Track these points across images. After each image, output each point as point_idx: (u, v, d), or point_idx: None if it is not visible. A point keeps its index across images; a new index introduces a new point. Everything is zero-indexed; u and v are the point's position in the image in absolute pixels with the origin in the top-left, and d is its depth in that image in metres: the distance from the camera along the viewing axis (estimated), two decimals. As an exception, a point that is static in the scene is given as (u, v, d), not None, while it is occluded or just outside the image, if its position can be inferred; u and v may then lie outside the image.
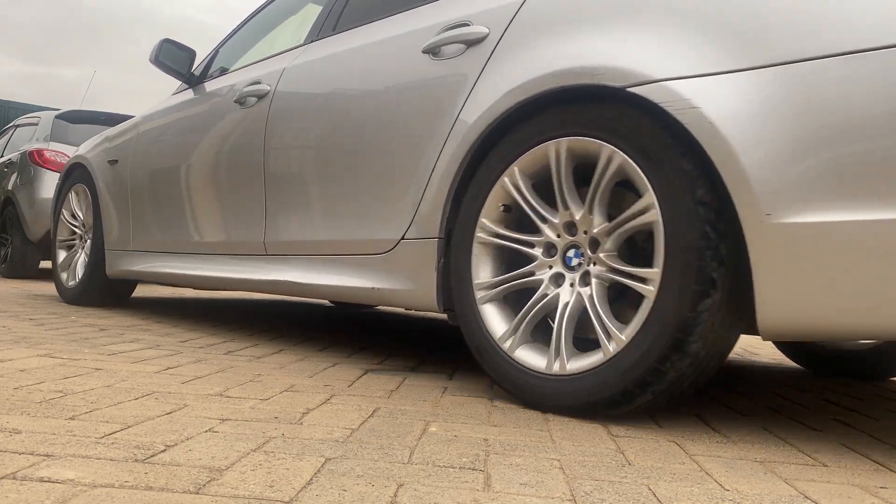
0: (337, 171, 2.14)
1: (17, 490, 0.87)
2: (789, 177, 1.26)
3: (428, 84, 1.91)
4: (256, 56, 2.84)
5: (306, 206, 2.26)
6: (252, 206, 2.49)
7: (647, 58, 1.43)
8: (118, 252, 3.32)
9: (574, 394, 1.48)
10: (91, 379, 1.63)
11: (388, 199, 1.97)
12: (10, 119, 14.01)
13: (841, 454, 1.35)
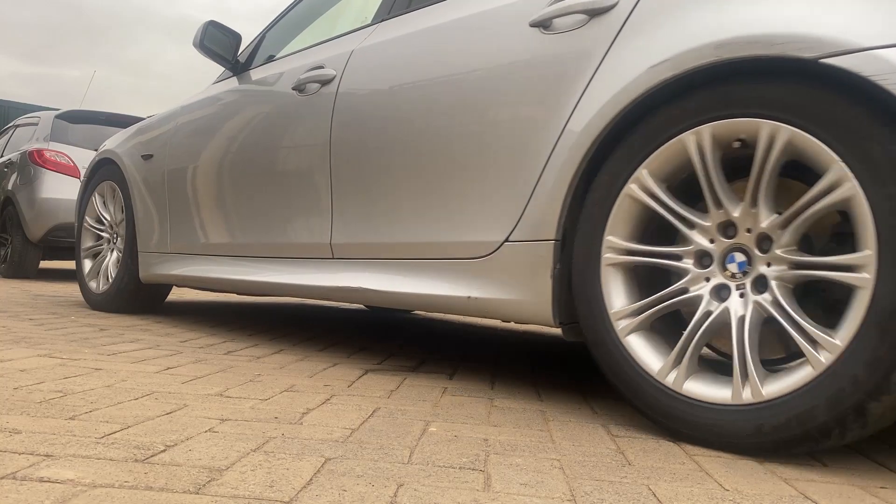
0: (422, 164, 1.88)
1: (17, 490, 0.87)
2: None
3: (538, 63, 1.63)
4: (310, 40, 2.56)
5: (382, 203, 2.00)
6: (315, 204, 2.22)
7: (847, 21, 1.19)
8: (153, 255, 3.03)
9: (778, 424, 1.21)
10: (91, 379, 1.63)
11: (488, 194, 1.72)
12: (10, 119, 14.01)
13: (841, 454, 1.35)
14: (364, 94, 2.12)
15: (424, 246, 1.88)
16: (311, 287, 2.21)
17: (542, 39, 1.64)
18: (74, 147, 5.83)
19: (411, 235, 1.91)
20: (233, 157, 2.60)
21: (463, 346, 2.74)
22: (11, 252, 5.76)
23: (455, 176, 1.80)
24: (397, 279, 1.95)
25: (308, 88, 2.32)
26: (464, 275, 1.77)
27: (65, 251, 6.15)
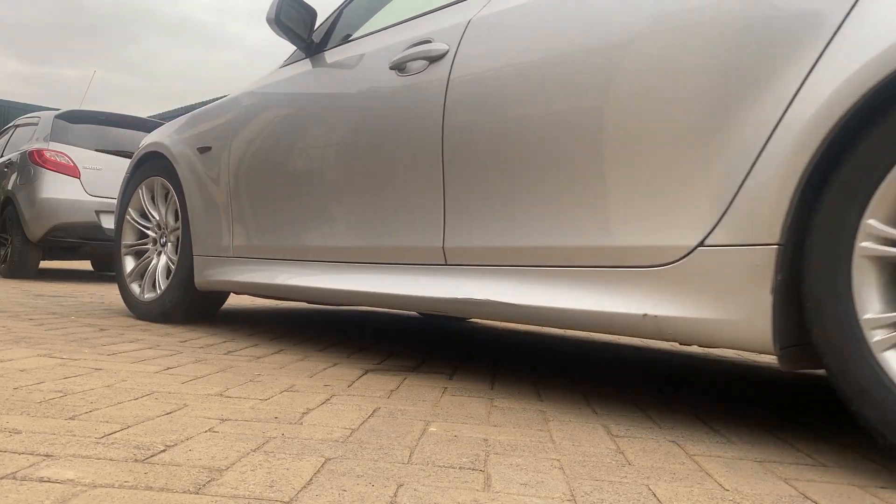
0: (572, 149, 1.55)
1: (17, 490, 0.87)
2: None
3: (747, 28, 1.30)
4: (403, 14, 2.23)
5: (512, 199, 1.68)
6: (421, 201, 1.90)
7: None
8: (212, 259, 2.71)
9: None
10: (91, 379, 1.63)
11: (672, 185, 1.38)
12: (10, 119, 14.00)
13: (841, 454, 1.35)
14: (487, 71, 1.77)
15: (578, 251, 1.54)
16: (416, 298, 1.90)
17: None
18: (74, 147, 5.83)
19: (558, 238, 1.58)
20: (312, 147, 2.28)
21: (463, 346, 2.74)
22: (11, 252, 5.76)
23: (618, 163, 1.46)
24: (538, 291, 1.62)
25: (411, 67, 1.98)
26: (636, 287, 1.43)
27: (65, 251, 6.15)
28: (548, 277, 1.60)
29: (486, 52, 1.79)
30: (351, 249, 2.13)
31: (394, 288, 1.96)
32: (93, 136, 6.03)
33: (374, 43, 2.21)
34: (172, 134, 3.02)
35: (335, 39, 2.47)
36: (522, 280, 1.65)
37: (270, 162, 2.45)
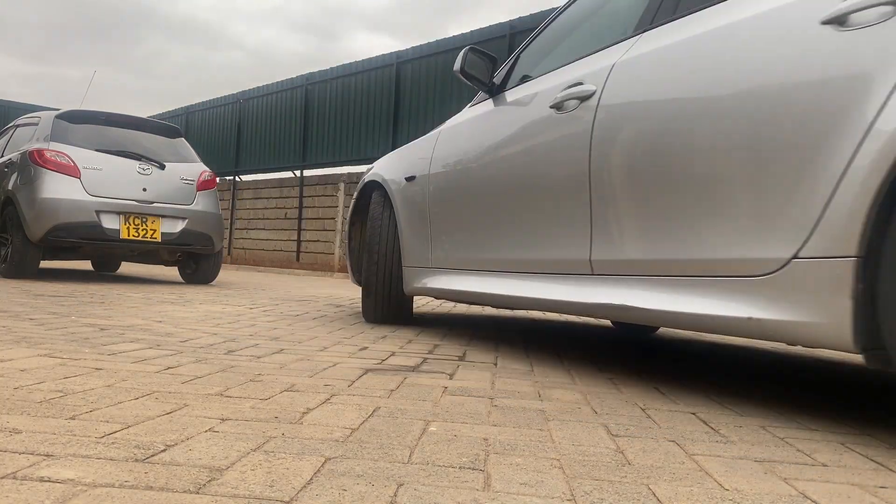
0: (692, 179, 1.81)
1: (17, 490, 0.87)
2: None
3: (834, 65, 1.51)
4: (564, 58, 2.57)
5: (645, 218, 1.95)
6: (575, 221, 2.22)
7: None
8: (415, 269, 3.23)
9: None
10: (91, 379, 1.63)
11: (772, 207, 1.60)
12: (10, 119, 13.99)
13: (841, 454, 1.35)
14: (627, 108, 2.04)
15: (697, 263, 1.79)
16: (569, 303, 2.22)
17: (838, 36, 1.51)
18: (75, 147, 5.82)
19: (681, 252, 1.83)
20: (488, 176, 2.68)
21: (463, 345, 2.74)
22: (12, 252, 5.76)
23: (726, 187, 1.71)
24: (665, 297, 1.88)
25: (566, 106, 2.30)
26: (744, 294, 1.66)
27: (65, 251, 6.15)
28: (672, 286, 1.87)
29: (627, 92, 2.08)
30: (520, 261, 2.50)
31: (552, 294, 2.30)
32: (93, 136, 6.02)
33: (540, 84, 2.56)
34: (387, 166, 3.57)
35: (513, 81, 2.84)
36: (652, 288, 1.93)
37: (457, 188, 2.89)
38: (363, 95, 12.50)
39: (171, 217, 6.00)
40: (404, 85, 11.71)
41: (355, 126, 12.62)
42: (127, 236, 5.76)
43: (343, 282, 9.67)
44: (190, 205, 6.15)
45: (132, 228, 5.79)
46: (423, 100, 11.34)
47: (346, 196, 12.34)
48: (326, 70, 13.38)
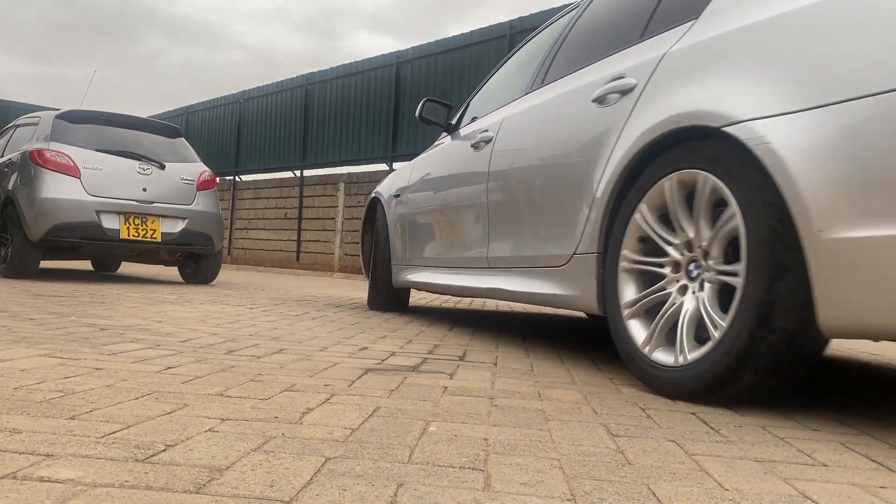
0: (528, 203, 2.66)
1: (17, 490, 0.87)
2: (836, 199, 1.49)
3: (595, 128, 2.28)
4: (489, 108, 3.39)
5: (508, 230, 2.81)
6: (480, 231, 3.06)
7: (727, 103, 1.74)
8: (399, 266, 4.03)
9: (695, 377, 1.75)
10: (91, 379, 1.63)
11: (563, 223, 2.40)
12: (10, 119, 14.01)
13: (841, 454, 1.35)
14: (505, 153, 2.90)
15: (529, 259, 2.64)
16: (477, 288, 3.03)
17: (598, 110, 2.29)
18: (75, 147, 5.82)
19: (523, 252, 2.68)
20: (436, 196, 3.56)
21: (463, 345, 2.74)
22: (12, 252, 5.76)
23: (547, 213, 2.52)
24: (516, 282, 2.71)
25: (479, 146, 3.16)
26: (552, 278, 2.47)
27: (65, 251, 6.15)
28: (520, 274, 2.71)
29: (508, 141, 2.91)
30: (452, 259, 3.38)
31: (468, 283, 3.15)
32: (93, 136, 6.02)
33: (470, 128, 3.42)
34: (385, 185, 4.45)
35: (465, 121, 3.63)
36: (511, 276, 2.78)
37: (420, 204, 3.75)
38: (363, 95, 12.50)
39: (171, 217, 5.99)
40: (404, 85, 11.71)
41: (355, 126, 12.62)
42: (127, 236, 5.76)
43: (343, 282, 9.68)
44: (190, 205, 6.15)
45: (132, 228, 5.79)
46: (423, 100, 11.32)
47: (346, 196, 12.35)
48: (326, 70, 13.39)
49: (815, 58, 1.60)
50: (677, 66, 2.00)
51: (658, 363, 1.86)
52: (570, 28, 2.92)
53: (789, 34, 1.68)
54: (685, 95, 1.90)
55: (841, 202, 1.50)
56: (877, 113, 1.44)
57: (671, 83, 1.99)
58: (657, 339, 1.89)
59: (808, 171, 1.54)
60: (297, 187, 13.59)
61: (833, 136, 1.52)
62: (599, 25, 2.67)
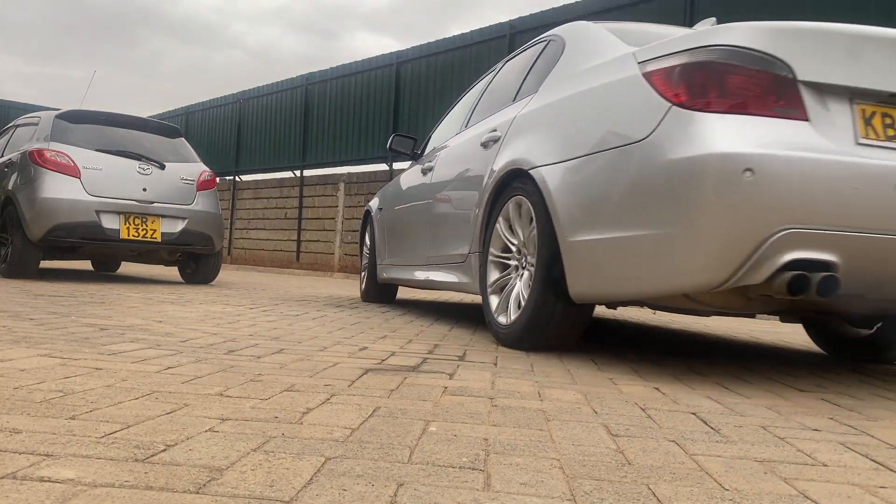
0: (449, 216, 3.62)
1: (17, 490, 0.87)
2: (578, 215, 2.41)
3: (481, 164, 3.26)
4: (440, 141, 4.35)
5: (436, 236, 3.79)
6: (424, 237, 4.00)
7: (528, 152, 2.76)
8: (381, 265, 4.97)
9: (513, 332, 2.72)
10: (91, 379, 1.63)
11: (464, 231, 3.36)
12: (10, 119, 13.99)
13: (841, 454, 1.35)
14: (439, 178, 3.89)
15: (445, 257, 3.63)
16: (422, 279, 3.99)
17: (483, 151, 3.30)
18: (75, 147, 5.82)
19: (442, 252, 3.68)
20: (404, 208, 4.48)
21: (463, 345, 2.74)
22: (12, 252, 5.76)
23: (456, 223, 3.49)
24: (439, 274, 3.74)
25: (425, 171, 4.18)
26: (458, 270, 3.44)
27: (65, 251, 6.14)
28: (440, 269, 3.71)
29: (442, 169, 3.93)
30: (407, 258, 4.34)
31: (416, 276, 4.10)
32: (93, 136, 6.02)
33: (426, 158, 4.41)
34: (375, 199, 5.42)
35: (427, 150, 4.60)
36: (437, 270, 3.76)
37: (393, 215, 4.75)
38: (363, 95, 12.50)
39: (171, 217, 5.99)
40: (404, 85, 11.71)
41: (355, 126, 12.61)
42: (127, 236, 5.76)
43: (343, 282, 9.67)
44: (190, 205, 6.15)
45: (132, 228, 5.79)
46: (423, 100, 11.33)
47: (346, 196, 12.35)
48: (326, 70, 13.38)
49: (563, 129, 2.59)
50: (519, 127, 2.96)
51: (500, 323, 2.82)
52: (486, 86, 3.92)
53: (555, 114, 2.69)
54: (518, 147, 2.86)
55: (575, 218, 2.41)
56: (587, 165, 2.39)
57: (515, 138, 2.95)
58: (500, 308, 2.87)
59: (560, 199, 2.47)
60: (297, 187, 13.59)
61: (571, 178, 2.45)
62: (499, 87, 3.65)
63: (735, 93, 2.05)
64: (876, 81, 2.09)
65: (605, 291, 2.32)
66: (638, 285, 2.19)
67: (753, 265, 1.96)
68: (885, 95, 2.09)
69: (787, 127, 2.01)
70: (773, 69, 2.05)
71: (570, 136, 2.50)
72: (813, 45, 2.08)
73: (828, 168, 1.96)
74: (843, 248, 1.98)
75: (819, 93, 2.07)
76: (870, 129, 2.08)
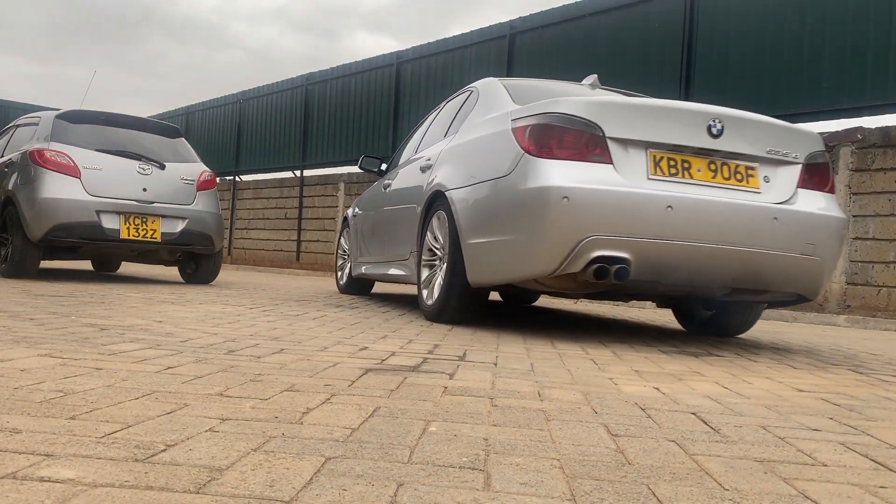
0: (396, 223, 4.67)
1: (18, 490, 0.87)
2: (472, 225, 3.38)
3: (420, 185, 4.24)
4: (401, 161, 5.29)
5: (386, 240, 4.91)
6: (381, 239, 5.06)
7: (445, 179, 3.71)
8: (356, 262, 5.86)
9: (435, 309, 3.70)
10: (91, 379, 1.63)
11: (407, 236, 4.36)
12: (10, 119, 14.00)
13: (841, 454, 1.35)
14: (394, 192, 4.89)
15: (395, 255, 4.64)
16: (381, 274, 4.92)
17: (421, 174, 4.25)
18: (75, 147, 5.81)
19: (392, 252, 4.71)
20: (370, 215, 5.48)
21: (463, 345, 2.74)
22: (12, 252, 5.76)
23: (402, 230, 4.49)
24: (392, 268, 4.69)
25: (386, 188, 5.17)
26: (404, 266, 4.42)
27: (65, 251, 6.14)
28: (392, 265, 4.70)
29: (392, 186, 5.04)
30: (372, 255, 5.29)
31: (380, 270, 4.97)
32: (93, 136, 6.01)
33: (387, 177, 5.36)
34: (353, 206, 6.31)
35: (392, 167, 5.52)
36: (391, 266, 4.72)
37: (362, 219, 5.75)
38: (363, 95, 12.50)
39: (171, 217, 5.99)
40: (404, 85, 11.71)
41: (355, 126, 12.61)
42: (127, 236, 5.76)
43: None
44: (190, 205, 6.14)
45: (132, 228, 5.79)
46: (423, 100, 11.33)
47: (347, 196, 12.35)
48: (326, 70, 13.39)
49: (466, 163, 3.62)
50: (443, 158, 3.97)
51: (427, 304, 3.82)
52: (433, 120, 4.92)
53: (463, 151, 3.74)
54: (441, 174, 3.86)
55: (470, 226, 3.37)
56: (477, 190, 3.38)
57: (440, 166, 3.94)
58: (427, 293, 3.85)
59: (461, 213, 3.44)
60: (297, 187, 13.59)
61: (468, 198, 3.43)
62: (439, 123, 4.69)
63: (564, 145, 3.01)
64: (664, 136, 3.04)
65: (488, 278, 3.30)
66: (507, 274, 3.17)
67: (572, 259, 2.90)
68: (670, 146, 3.06)
69: (596, 168, 2.96)
70: (590, 129, 3.00)
71: (470, 168, 3.55)
72: (618, 113, 3.03)
73: (620, 195, 2.88)
74: (633, 248, 2.88)
75: (623, 145, 3.01)
76: (658, 168, 3.02)
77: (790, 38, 7.43)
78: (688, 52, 8.21)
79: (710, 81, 8.05)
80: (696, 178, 3.05)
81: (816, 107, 7.21)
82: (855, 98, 6.97)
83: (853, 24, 6.98)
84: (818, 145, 3.32)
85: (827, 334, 5.05)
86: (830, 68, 7.13)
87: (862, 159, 6.91)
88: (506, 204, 3.13)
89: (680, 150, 3.05)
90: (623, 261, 2.86)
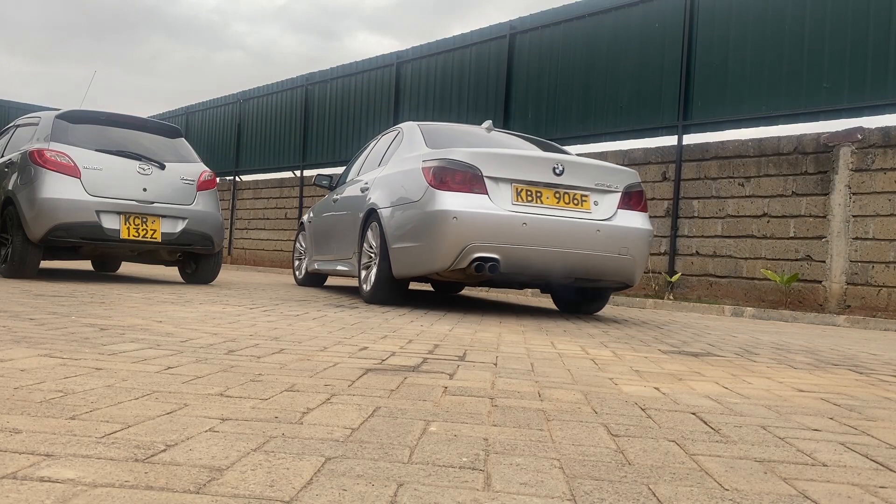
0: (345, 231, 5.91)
1: (18, 490, 0.87)
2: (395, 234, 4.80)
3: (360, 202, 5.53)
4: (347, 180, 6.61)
5: (337, 243, 6.10)
6: (335, 242, 6.17)
7: (378, 200, 5.13)
8: (311, 259, 7.09)
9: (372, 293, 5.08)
10: (91, 379, 1.63)
11: (352, 241, 5.67)
12: (10, 119, 13.98)
13: (841, 454, 1.35)
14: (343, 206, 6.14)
15: (344, 255, 5.98)
16: (332, 269, 6.24)
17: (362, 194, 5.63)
18: (75, 147, 5.81)
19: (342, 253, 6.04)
20: (322, 220, 6.73)
21: (463, 345, 2.74)
22: (12, 252, 5.76)
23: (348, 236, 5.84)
24: (340, 265, 6.07)
25: (336, 200, 6.41)
26: (350, 263, 5.79)
27: (65, 251, 6.14)
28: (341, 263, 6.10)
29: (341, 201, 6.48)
30: (325, 253, 6.62)
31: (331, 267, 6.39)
32: (93, 136, 6.01)
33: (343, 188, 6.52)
34: (308, 213, 7.52)
35: (340, 184, 6.80)
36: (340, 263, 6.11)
37: (316, 224, 7.02)
38: (363, 95, 12.50)
39: (171, 217, 5.99)
40: (404, 85, 11.71)
41: (355, 126, 12.61)
42: (127, 236, 5.76)
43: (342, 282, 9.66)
44: (190, 205, 6.15)
45: (132, 228, 5.79)
46: (423, 100, 11.33)
47: (347, 196, 12.34)
48: (326, 70, 13.39)
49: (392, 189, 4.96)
50: (377, 184, 5.28)
51: (366, 290, 5.05)
52: (371, 150, 6.27)
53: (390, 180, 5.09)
54: (374, 195, 5.16)
55: (393, 236, 4.74)
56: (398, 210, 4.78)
57: (374, 190, 5.23)
58: (365, 283, 5.09)
59: (388, 226, 4.81)
60: (297, 187, 13.59)
61: (392, 215, 4.81)
62: (375, 153, 6.07)
63: (455, 181, 4.44)
64: (523, 175, 4.51)
65: (407, 272, 4.67)
66: (418, 269, 4.56)
67: (460, 259, 4.35)
68: (528, 181, 4.51)
69: (476, 197, 4.39)
70: (472, 170, 4.44)
71: (395, 193, 4.89)
72: (492, 160, 4.48)
73: (492, 216, 4.34)
74: (501, 251, 4.36)
75: (495, 180, 4.45)
76: (518, 196, 4.47)
77: (790, 38, 7.44)
78: (688, 52, 8.22)
79: (710, 82, 8.05)
80: (546, 203, 4.51)
81: (816, 107, 7.22)
82: (855, 98, 6.97)
83: (853, 24, 6.99)
84: (634, 178, 4.82)
85: (827, 334, 5.06)
86: (830, 68, 7.13)
87: (862, 159, 6.91)
88: (417, 220, 4.51)
89: (534, 185, 4.51)
90: (494, 260, 4.34)
